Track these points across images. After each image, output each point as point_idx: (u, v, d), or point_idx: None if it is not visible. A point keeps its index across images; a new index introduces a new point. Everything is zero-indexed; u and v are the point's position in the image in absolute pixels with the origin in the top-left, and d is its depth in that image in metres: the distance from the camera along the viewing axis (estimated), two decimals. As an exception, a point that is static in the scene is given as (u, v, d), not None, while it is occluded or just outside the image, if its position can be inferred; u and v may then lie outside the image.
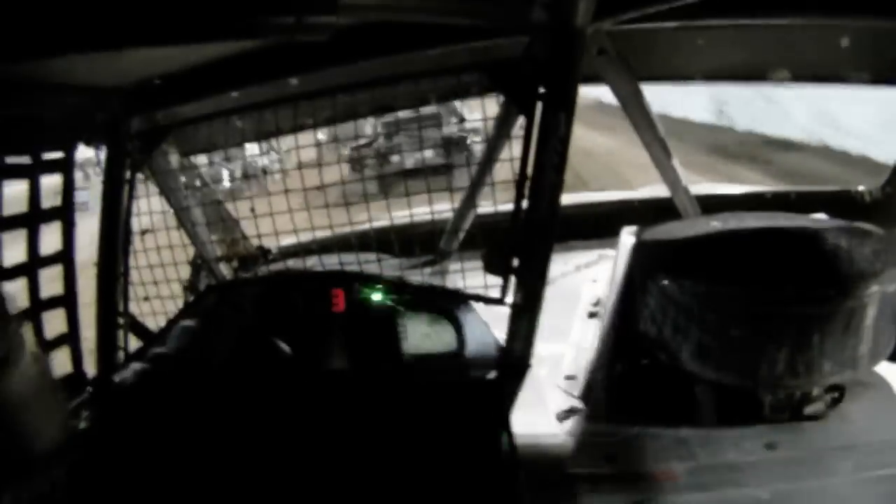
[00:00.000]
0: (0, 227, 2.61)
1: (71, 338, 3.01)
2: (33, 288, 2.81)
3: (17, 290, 2.78)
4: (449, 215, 3.34)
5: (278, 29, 2.14)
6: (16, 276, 2.74)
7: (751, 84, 3.08)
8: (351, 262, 3.17)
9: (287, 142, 3.05)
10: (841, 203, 3.74)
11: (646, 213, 3.56)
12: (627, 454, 2.45)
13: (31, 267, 2.78)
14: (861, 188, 3.93)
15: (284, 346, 2.96)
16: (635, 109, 2.88)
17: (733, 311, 2.34)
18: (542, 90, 2.52)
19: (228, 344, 3.04)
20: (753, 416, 2.48)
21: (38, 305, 2.83)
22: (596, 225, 3.99)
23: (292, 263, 3.37)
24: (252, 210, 3.06)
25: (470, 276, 2.98)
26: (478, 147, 2.99)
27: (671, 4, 2.23)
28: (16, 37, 1.79)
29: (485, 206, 3.34)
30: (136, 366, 3.12)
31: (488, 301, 2.94)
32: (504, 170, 2.82)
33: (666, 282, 2.42)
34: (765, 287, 2.30)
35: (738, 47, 2.72)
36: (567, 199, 2.72)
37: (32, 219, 2.74)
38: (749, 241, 2.48)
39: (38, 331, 2.83)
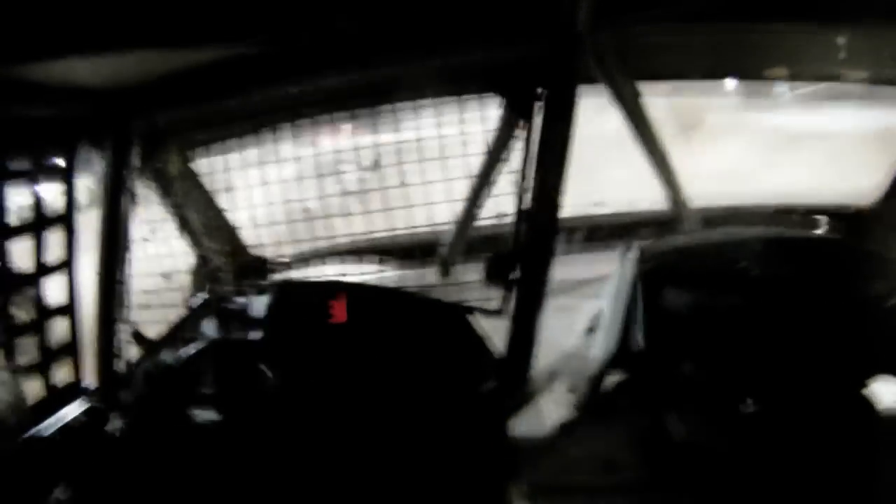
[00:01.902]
0: (5, 235, 2.59)
1: (73, 347, 2.99)
2: (38, 297, 2.79)
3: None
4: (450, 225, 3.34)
5: (280, 34, 2.16)
6: (21, 286, 2.73)
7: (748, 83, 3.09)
8: (352, 272, 3.18)
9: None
10: (840, 217, 3.73)
11: (648, 227, 3.55)
12: (627, 464, 2.43)
13: (36, 275, 2.76)
14: (860, 202, 3.92)
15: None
16: (635, 115, 2.88)
17: (732, 324, 2.34)
18: (542, 95, 2.53)
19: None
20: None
21: (43, 314, 2.81)
22: (597, 239, 3.97)
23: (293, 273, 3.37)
24: (252, 219, 3.07)
25: (470, 288, 2.97)
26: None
27: (669, 11, 2.25)
28: (17, 38, 1.80)
29: (485, 216, 3.34)
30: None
31: (488, 313, 2.94)
32: (504, 178, 2.83)
33: (665, 294, 2.41)
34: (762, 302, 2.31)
35: (736, 47, 2.71)
36: (569, 212, 2.73)
37: (37, 226, 2.72)
38: (747, 253, 2.48)
39: (42, 339, 2.81)
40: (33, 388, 2.73)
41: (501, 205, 3.14)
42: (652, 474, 2.40)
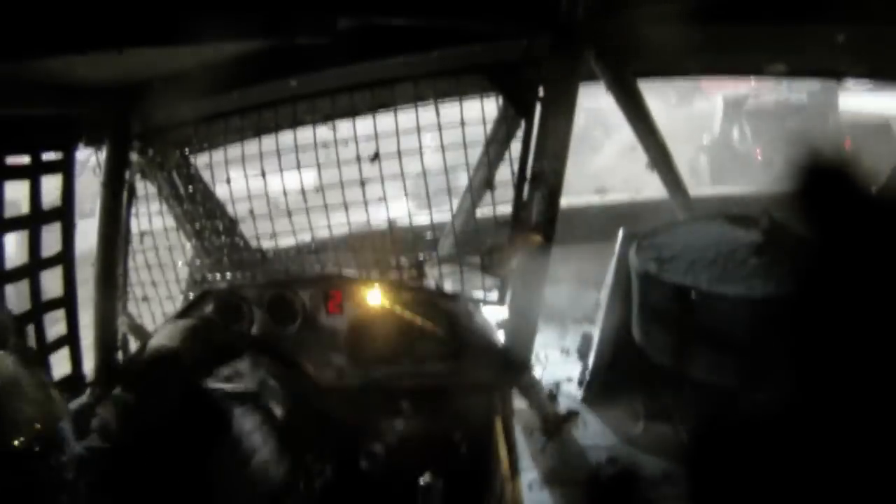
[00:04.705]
0: (1, 228, 2.59)
1: (71, 338, 3.00)
2: (35, 290, 2.79)
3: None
4: (448, 217, 3.34)
5: (279, 31, 2.15)
6: (18, 279, 2.73)
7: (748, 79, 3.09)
8: (351, 264, 3.18)
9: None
10: None
11: (646, 215, 3.56)
12: (627, 455, 2.45)
13: (33, 269, 2.77)
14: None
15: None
16: (634, 110, 2.87)
17: (730, 315, 2.34)
18: (541, 92, 2.53)
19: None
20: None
21: (40, 307, 2.82)
22: (596, 227, 3.98)
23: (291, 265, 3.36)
24: (251, 212, 3.06)
25: (469, 279, 2.98)
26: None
27: (668, 6, 2.24)
28: (16, 37, 1.79)
29: (484, 209, 3.34)
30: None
31: (488, 303, 2.95)
32: (503, 172, 2.83)
33: (661, 282, 2.42)
34: (763, 291, 2.30)
35: (735, 42, 2.70)
36: (567, 201, 2.74)
37: (34, 220, 2.72)
38: (744, 243, 2.48)
39: (40, 332, 2.82)
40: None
41: (501, 196, 3.15)
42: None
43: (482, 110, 2.74)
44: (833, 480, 1.95)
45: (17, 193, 2.73)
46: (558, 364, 2.97)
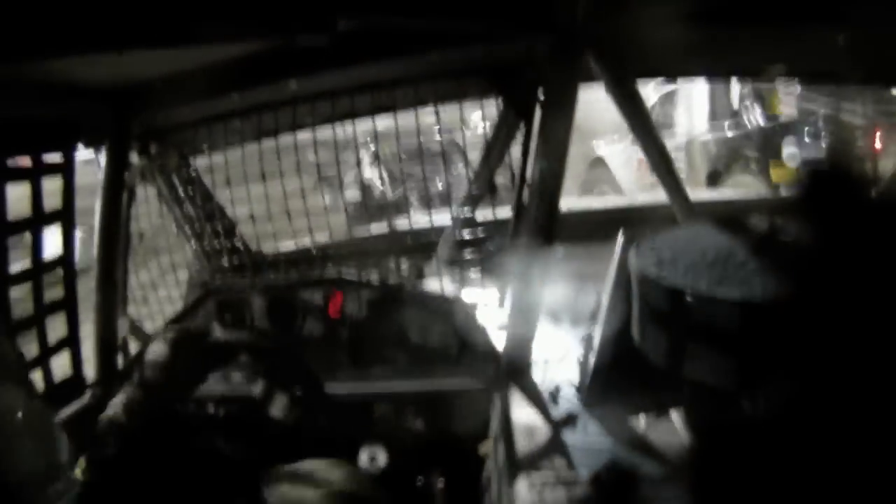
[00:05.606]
0: (4, 231, 2.59)
1: (71, 341, 3.00)
2: (37, 293, 2.79)
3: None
4: (448, 221, 3.35)
5: (279, 32, 2.15)
6: (20, 282, 2.73)
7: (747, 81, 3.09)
8: (351, 267, 3.18)
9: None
10: None
11: (646, 218, 3.55)
12: (627, 456, 2.44)
13: (35, 272, 2.77)
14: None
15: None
16: (633, 113, 2.87)
17: (729, 317, 2.33)
18: (541, 94, 2.53)
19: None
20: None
21: (42, 310, 2.82)
22: (597, 230, 3.98)
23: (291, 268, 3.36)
24: (251, 215, 3.07)
25: (469, 282, 2.99)
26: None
27: (668, 7, 2.24)
28: (16, 37, 1.79)
29: (484, 212, 3.35)
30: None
31: (487, 306, 2.95)
32: (503, 174, 2.84)
33: (660, 285, 2.41)
34: (762, 295, 2.29)
35: (735, 44, 2.70)
36: (567, 204, 2.74)
37: (35, 222, 2.72)
38: (744, 246, 2.47)
39: (43, 336, 2.82)
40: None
41: (501, 199, 3.15)
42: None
43: (482, 113, 2.76)
44: (834, 482, 1.94)
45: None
46: (558, 366, 2.96)
